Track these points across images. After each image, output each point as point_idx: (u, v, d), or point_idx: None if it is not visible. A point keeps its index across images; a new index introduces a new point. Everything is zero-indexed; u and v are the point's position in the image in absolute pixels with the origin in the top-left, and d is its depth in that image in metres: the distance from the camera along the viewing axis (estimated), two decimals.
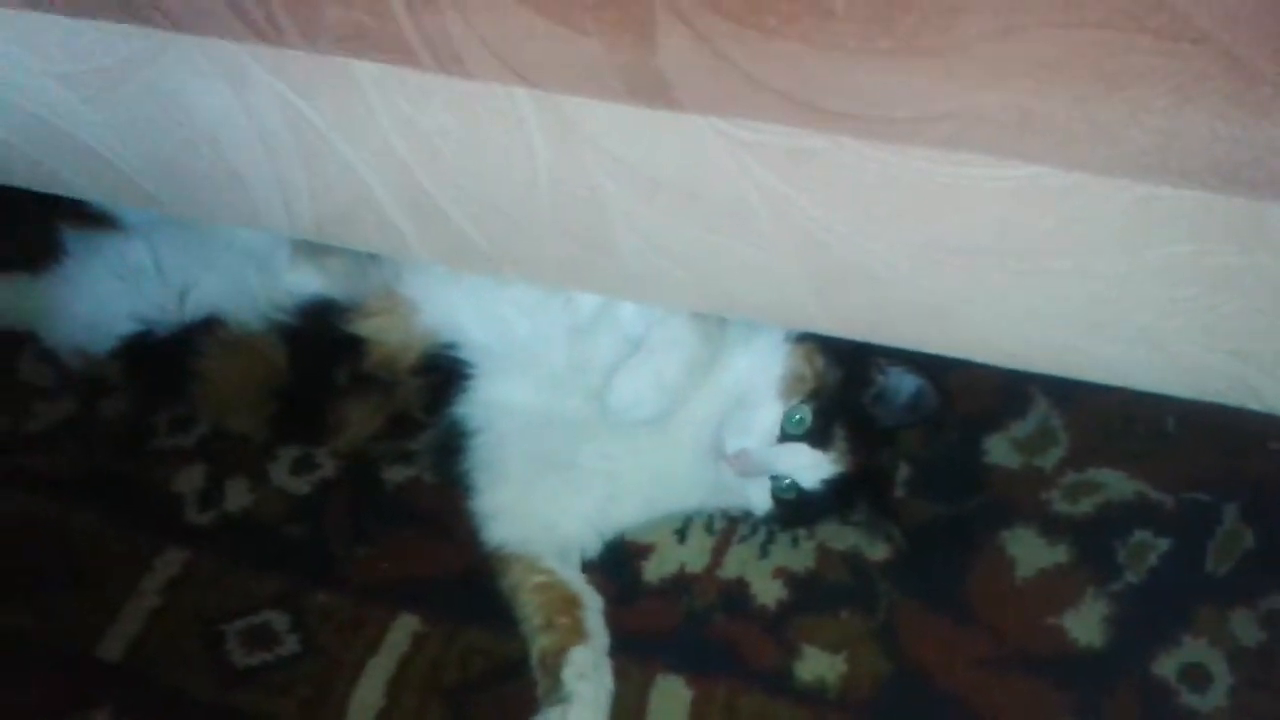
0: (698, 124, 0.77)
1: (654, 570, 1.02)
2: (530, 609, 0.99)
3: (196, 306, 1.11)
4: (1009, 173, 0.72)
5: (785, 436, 0.99)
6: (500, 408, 1.06)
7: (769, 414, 1.00)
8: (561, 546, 1.04)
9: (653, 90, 0.73)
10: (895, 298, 0.85)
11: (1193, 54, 0.59)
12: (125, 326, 1.11)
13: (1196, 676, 0.91)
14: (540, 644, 0.96)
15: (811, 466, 0.99)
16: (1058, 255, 0.77)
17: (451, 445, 1.07)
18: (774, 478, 1.00)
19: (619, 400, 0.98)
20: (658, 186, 0.85)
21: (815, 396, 1.00)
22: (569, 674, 0.93)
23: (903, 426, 1.05)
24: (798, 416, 0.99)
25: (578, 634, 0.96)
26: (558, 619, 0.97)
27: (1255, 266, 0.72)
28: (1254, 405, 0.83)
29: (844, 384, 1.01)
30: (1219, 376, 0.81)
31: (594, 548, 1.05)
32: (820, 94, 0.70)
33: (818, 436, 0.99)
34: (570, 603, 0.99)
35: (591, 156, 0.84)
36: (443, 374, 1.06)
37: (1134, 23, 0.59)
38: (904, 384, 1.01)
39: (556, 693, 0.92)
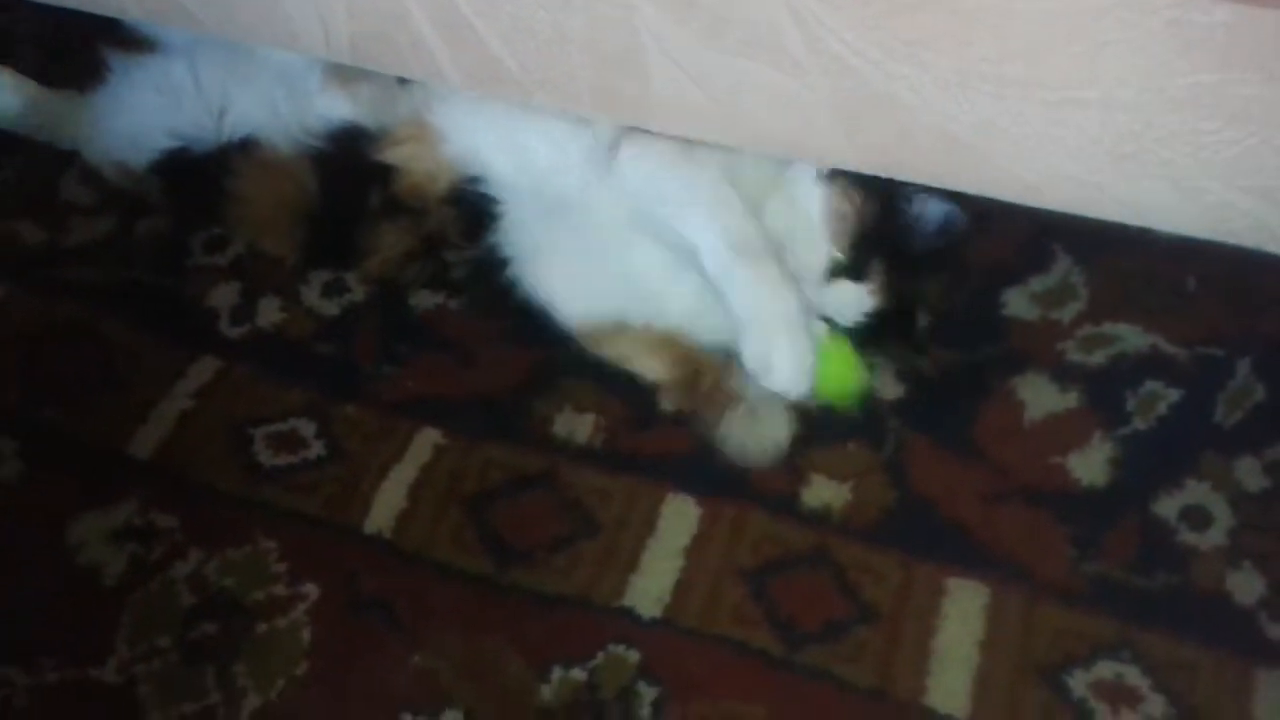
0: None
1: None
2: (650, 366, 1.03)
3: (233, 126, 1.13)
4: None
5: (830, 275, 1.01)
6: (533, 236, 1.07)
7: (817, 256, 1.01)
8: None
9: None
10: (923, 129, 0.86)
11: None
12: (164, 142, 1.13)
13: (1197, 517, 0.93)
14: (682, 385, 1.01)
15: (854, 303, 1.01)
16: (1086, 84, 0.77)
17: (490, 269, 1.08)
18: None
19: (784, 387, 0.97)
20: (690, 6, 0.85)
21: (860, 234, 1.02)
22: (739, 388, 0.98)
23: (933, 252, 1.05)
24: (840, 255, 1.01)
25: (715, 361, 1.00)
26: (688, 360, 1.01)
27: (1277, 98, 0.72)
28: (1273, 247, 0.84)
29: (879, 216, 1.02)
30: (1239, 215, 0.81)
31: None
32: None
33: (857, 271, 1.01)
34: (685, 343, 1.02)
35: None
36: (471, 208, 1.07)
37: None
38: (932, 209, 1.03)
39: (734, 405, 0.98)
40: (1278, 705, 0.84)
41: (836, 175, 1.03)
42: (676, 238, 1.01)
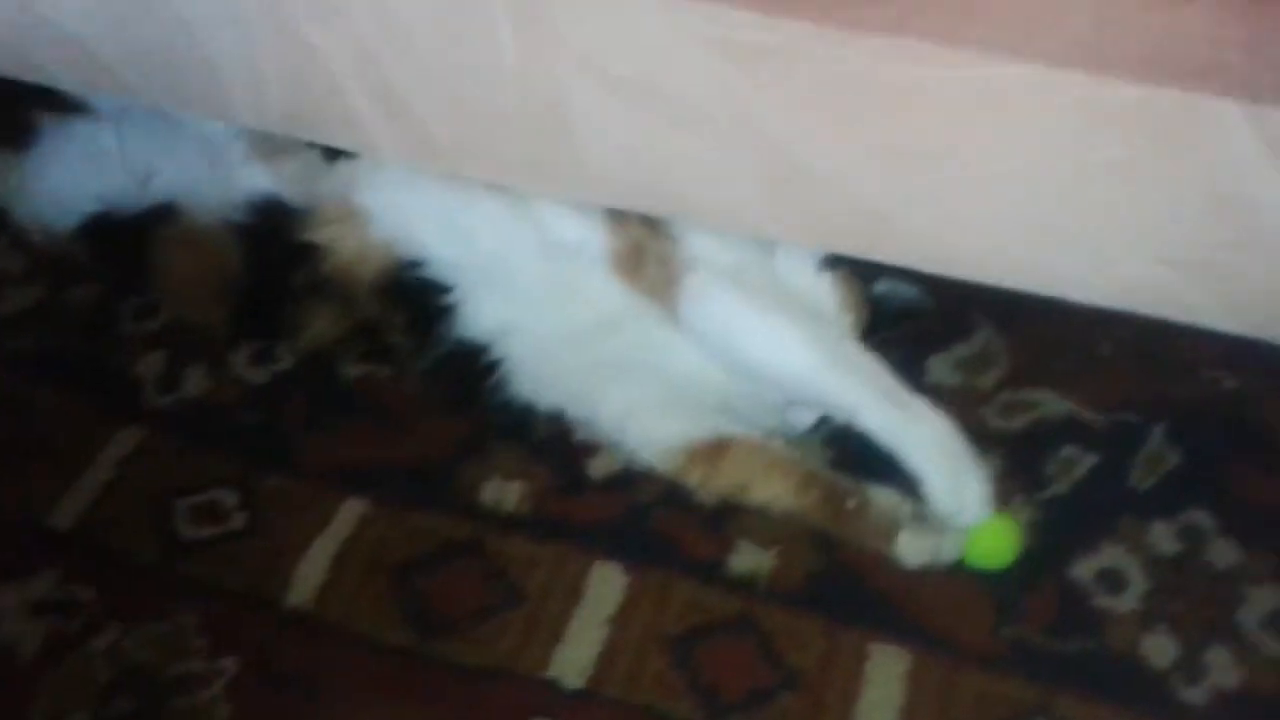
0: (660, 11, 0.80)
1: (599, 466, 1.04)
2: (781, 488, 0.99)
3: (156, 192, 1.14)
4: (957, 73, 0.76)
5: None
6: (512, 329, 1.07)
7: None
8: (723, 412, 1.04)
9: None
10: (846, 202, 0.88)
11: None
12: (89, 206, 1.14)
13: (1112, 580, 0.95)
14: (828, 506, 0.98)
15: None
16: (1000, 159, 0.80)
17: (461, 361, 1.07)
18: None
19: (978, 518, 0.97)
20: (621, 83, 0.87)
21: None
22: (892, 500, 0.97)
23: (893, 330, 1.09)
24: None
25: (838, 477, 0.99)
26: (817, 480, 0.99)
27: (1183, 172, 0.75)
28: (1182, 317, 0.87)
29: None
30: (1149, 286, 0.84)
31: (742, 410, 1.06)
32: None
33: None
34: (802, 459, 1.01)
35: (558, 50, 0.86)
36: (415, 298, 1.07)
37: None
38: (898, 291, 1.08)
39: (901, 515, 0.96)
40: None
41: (834, 262, 1.06)
42: (784, 386, 1.02)
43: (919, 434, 0.97)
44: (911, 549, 0.95)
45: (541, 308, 1.07)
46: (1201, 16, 0.64)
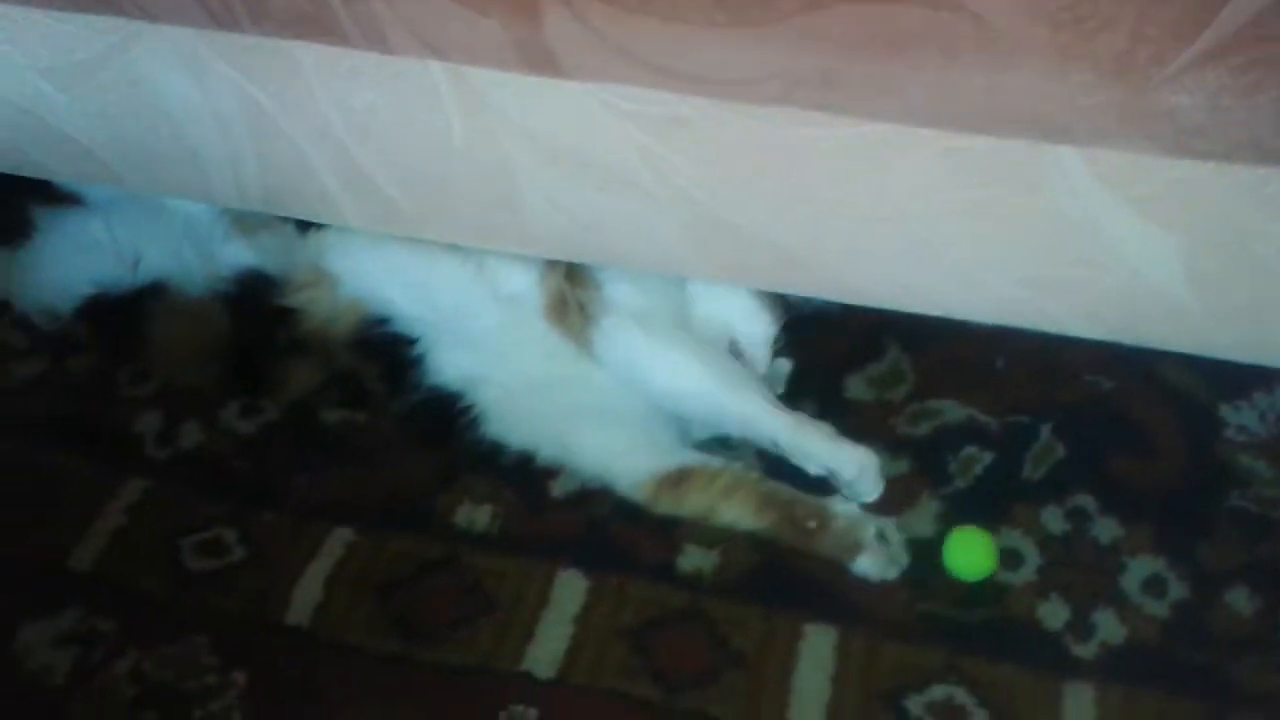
0: (585, 93, 0.93)
1: (560, 487, 1.17)
2: (741, 509, 1.10)
3: (146, 273, 1.27)
4: (838, 132, 0.89)
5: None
6: (478, 378, 1.19)
7: (770, 339, 1.21)
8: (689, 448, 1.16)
9: (542, 61, 0.89)
10: (757, 244, 1.01)
11: (952, 20, 0.77)
12: (85, 290, 1.26)
13: (1010, 559, 1.08)
14: (790, 527, 1.09)
15: (786, 377, 1.21)
16: (880, 203, 0.94)
17: (434, 406, 1.19)
18: None
19: (873, 496, 1.12)
20: (557, 153, 1.00)
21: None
22: (857, 517, 1.08)
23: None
24: (778, 339, 1.20)
25: (802, 496, 1.10)
26: (776, 499, 1.10)
27: (1034, 205, 0.88)
28: (1049, 328, 1.00)
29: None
30: (1018, 303, 0.98)
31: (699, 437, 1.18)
32: (675, 61, 0.86)
33: (785, 349, 1.20)
34: (760, 480, 1.12)
35: (500, 127, 1.00)
36: (385, 352, 1.20)
37: None
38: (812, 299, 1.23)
39: (864, 534, 1.07)
40: (1082, 711, 0.98)
41: None
42: (689, 410, 1.15)
43: (817, 440, 1.11)
44: (874, 567, 1.07)
45: (502, 357, 1.19)
46: (1020, 78, 0.78)
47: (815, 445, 1.11)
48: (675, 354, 1.15)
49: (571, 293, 1.17)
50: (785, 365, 1.23)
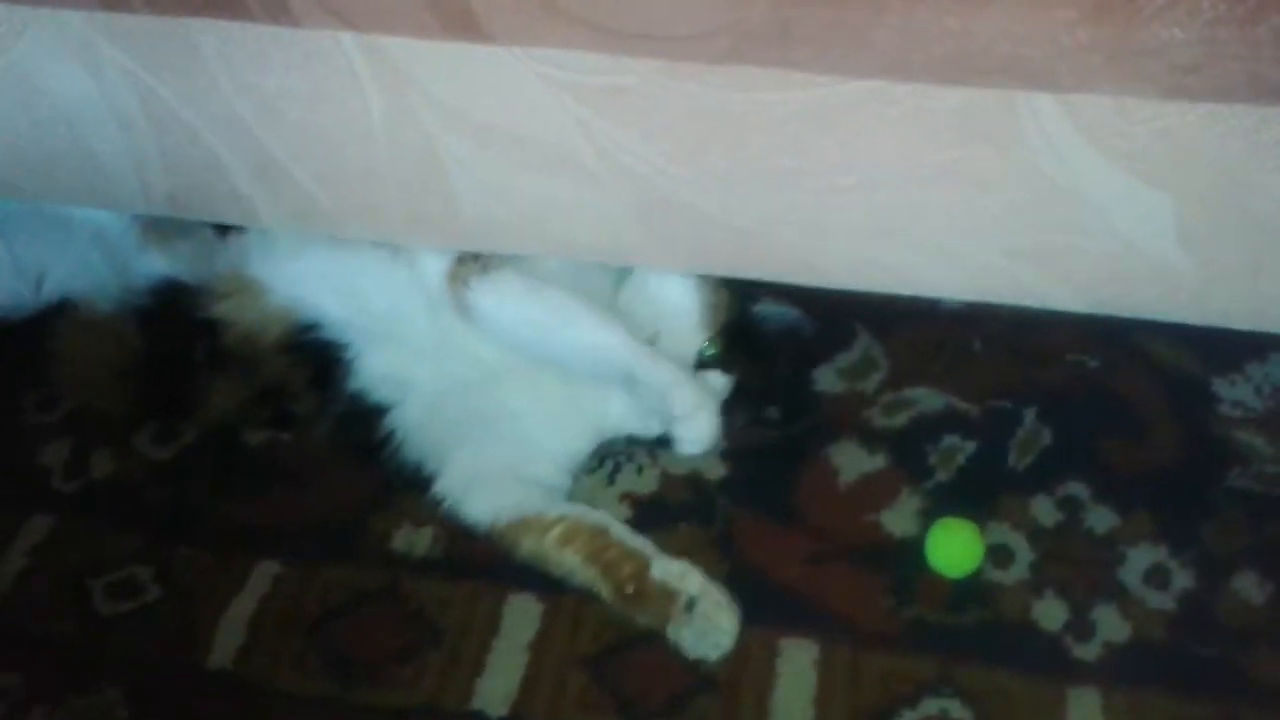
0: (514, 60, 0.85)
1: None
2: (572, 562, 1.01)
3: (51, 291, 1.17)
4: (794, 95, 0.82)
5: (699, 365, 1.10)
6: (399, 382, 1.11)
7: (690, 346, 1.10)
8: (546, 490, 1.07)
9: (463, 23, 0.81)
10: (712, 224, 0.94)
11: None
12: None
13: (1000, 555, 1.01)
14: (611, 586, 0.99)
15: (722, 390, 1.10)
16: (843, 171, 0.86)
17: (357, 415, 1.11)
18: None
19: (696, 450, 1.04)
20: (488, 132, 0.93)
21: (727, 326, 1.11)
22: (676, 582, 0.97)
23: (780, 351, 1.15)
24: (709, 347, 1.10)
25: (634, 555, 1.00)
26: (606, 555, 1.01)
27: (1012, 166, 0.82)
28: (1031, 302, 0.93)
29: (739, 311, 1.12)
30: (996, 276, 0.91)
31: (567, 485, 1.09)
32: (611, 18, 0.78)
33: (725, 362, 1.10)
34: (599, 532, 1.02)
35: (423, 105, 0.92)
36: (313, 355, 1.11)
37: None
38: (776, 313, 1.14)
39: (677, 602, 0.96)
40: (1088, 718, 0.90)
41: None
42: (564, 352, 1.06)
43: (664, 370, 1.02)
44: (684, 641, 0.97)
45: (429, 362, 1.11)
46: (996, 17, 0.71)
47: (659, 376, 1.02)
48: (547, 290, 1.06)
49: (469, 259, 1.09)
50: (720, 380, 1.11)
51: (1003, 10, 0.70)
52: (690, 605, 0.97)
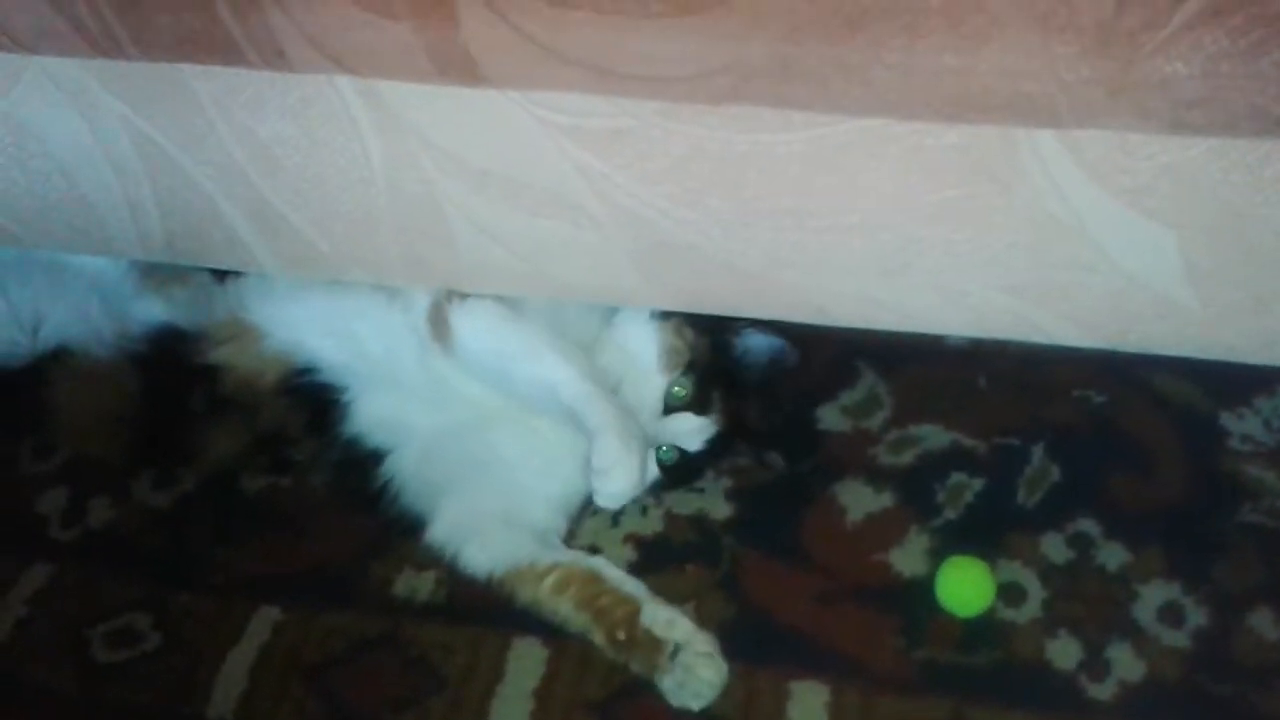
0: (512, 104, 0.85)
1: None
2: (567, 610, 1.00)
3: (48, 339, 1.16)
4: (795, 136, 0.81)
5: (669, 408, 1.07)
6: (395, 426, 1.10)
7: (653, 389, 1.08)
8: (540, 536, 1.06)
9: (461, 68, 0.81)
10: (713, 266, 0.94)
11: None
12: None
13: (1012, 594, 0.99)
14: (603, 632, 0.98)
15: (696, 431, 1.08)
16: (846, 210, 0.86)
17: (354, 462, 1.10)
18: (657, 447, 1.08)
19: (616, 499, 1.02)
20: (486, 176, 0.92)
21: (692, 367, 1.08)
22: (662, 630, 0.96)
23: (767, 384, 1.13)
24: (677, 388, 1.07)
25: (626, 601, 0.99)
26: (598, 602, 1.00)
27: (1014, 203, 0.81)
28: (1037, 339, 0.93)
29: (711, 349, 1.10)
30: (1001, 313, 0.90)
31: (562, 529, 1.08)
32: (611, 60, 0.78)
33: (699, 403, 1.07)
34: (593, 579, 1.01)
35: (421, 150, 0.91)
36: (310, 399, 1.11)
37: None
38: (759, 343, 1.11)
39: (663, 651, 0.95)
40: None
41: (669, 313, 1.09)
42: (525, 385, 1.04)
43: (604, 409, 1.00)
44: (670, 691, 0.95)
45: (423, 406, 1.10)
46: (995, 53, 0.71)
47: (593, 420, 1.00)
48: (520, 322, 1.04)
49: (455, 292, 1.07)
50: (691, 422, 1.08)
51: (1003, 46, 0.70)
52: (675, 653, 0.95)
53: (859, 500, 1.07)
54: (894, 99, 0.75)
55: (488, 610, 1.02)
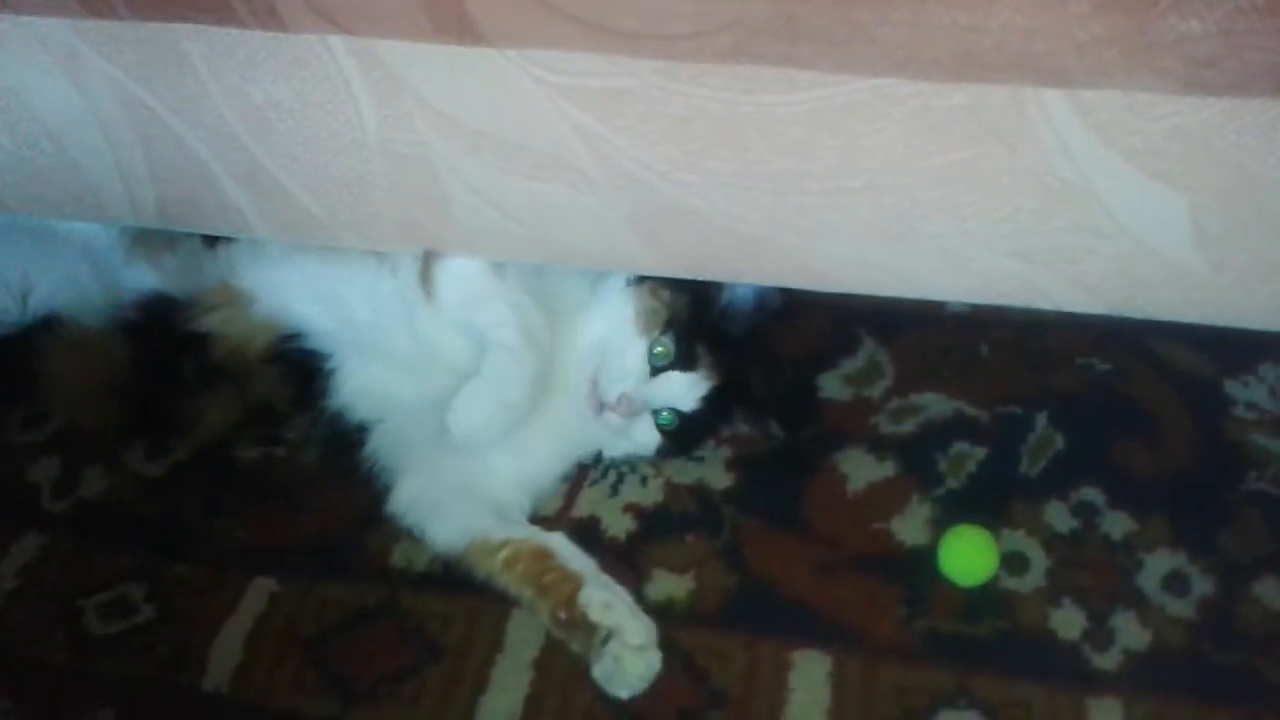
0: (509, 63, 0.83)
1: None
2: (515, 584, 1.00)
3: (38, 306, 1.14)
4: (798, 96, 0.80)
5: (655, 370, 1.06)
6: (378, 396, 1.09)
7: (635, 353, 1.06)
8: (499, 511, 1.05)
9: (458, 26, 0.79)
10: (714, 230, 0.92)
11: None
12: None
13: (1015, 563, 0.98)
14: (547, 608, 0.97)
15: (687, 389, 1.06)
16: (850, 173, 0.84)
17: (341, 435, 1.09)
18: (655, 411, 1.06)
19: (462, 428, 1.00)
20: (482, 138, 0.91)
21: (671, 325, 1.07)
22: (596, 614, 0.95)
23: (756, 329, 1.12)
24: (659, 348, 1.06)
25: (570, 579, 0.98)
26: (544, 579, 0.99)
27: (1021, 165, 0.80)
28: (1044, 304, 0.91)
29: (692, 305, 1.08)
30: (1007, 278, 0.89)
31: (526, 505, 1.07)
32: (611, 16, 0.76)
33: (684, 360, 1.06)
34: (542, 555, 1.00)
35: (416, 111, 0.90)
36: (297, 366, 1.09)
37: None
38: (743, 292, 1.10)
39: (596, 634, 0.94)
40: None
41: (644, 277, 1.07)
42: (479, 335, 1.03)
43: (500, 356, 0.99)
44: (600, 677, 0.93)
45: (407, 376, 1.08)
46: (1005, 10, 0.69)
47: (490, 359, 0.99)
48: (501, 280, 1.02)
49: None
50: (680, 380, 1.05)
51: (1014, 3, 0.69)
52: (607, 640, 0.94)
53: (860, 469, 1.06)
54: (901, 57, 0.73)
55: (486, 584, 1.00)
